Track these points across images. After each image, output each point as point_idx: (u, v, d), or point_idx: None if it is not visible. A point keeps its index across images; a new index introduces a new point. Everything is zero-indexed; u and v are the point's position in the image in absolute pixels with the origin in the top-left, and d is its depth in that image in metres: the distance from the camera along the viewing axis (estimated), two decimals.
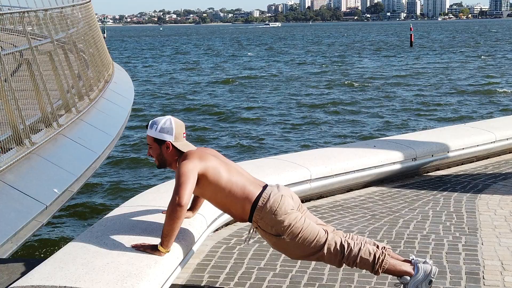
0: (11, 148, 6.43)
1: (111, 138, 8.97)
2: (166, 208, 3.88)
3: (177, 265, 3.47)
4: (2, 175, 5.83)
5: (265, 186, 3.62)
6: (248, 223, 5.11)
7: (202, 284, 3.94)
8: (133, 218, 3.85)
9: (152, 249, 3.34)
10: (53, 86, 8.54)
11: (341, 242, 3.54)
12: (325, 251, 3.53)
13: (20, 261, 3.93)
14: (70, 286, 2.91)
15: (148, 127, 3.62)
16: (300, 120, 21.83)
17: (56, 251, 3.44)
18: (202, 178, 3.50)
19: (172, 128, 3.58)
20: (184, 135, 3.65)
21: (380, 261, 3.51)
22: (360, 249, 3.52)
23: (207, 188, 3.54)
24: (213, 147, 17.67)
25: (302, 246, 3.53)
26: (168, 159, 3.62)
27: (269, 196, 3.54)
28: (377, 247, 3.56)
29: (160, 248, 3.33)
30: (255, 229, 3.63)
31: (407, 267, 3.54)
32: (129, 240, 3.45)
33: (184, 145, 3.62)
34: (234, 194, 3.55)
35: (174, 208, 3.35)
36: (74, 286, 2.91)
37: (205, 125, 21.30)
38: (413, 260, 3.59)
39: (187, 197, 3.37)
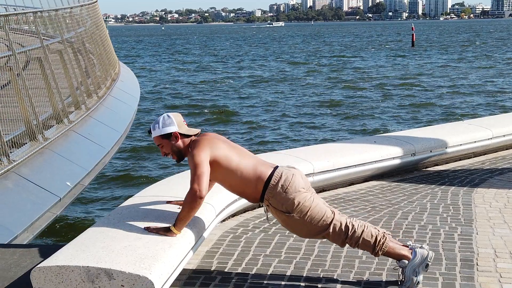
0: (25, 143, 6.67)
1: (119, 134, 9.20)
2: (171, 199, 4.17)
3: (189, 249, 3.70)
4: (18, 169, 6.07)
5: (276, 167, 3.83)
6: (252, 215, 5.39)
7: (212, 269, 4.17)
8: (146, 207, 4.08)
9: (165, 231, 3.58)
10: (63, 84, 8.77)
11: (346, 223, 3.78)
12: (331, 230, 3.76)
13: (40, 246, 4.19)
14: (92, 266, 3.14)
15: (151, 131, 3.83)
16: (303, 117, 22.11)
17: (73, 239, 3.67)
18: (213, 163, 3.70)
19: (172, 120, 3.80)
20: (185, 122, 3.86)
21: (380, 243, 3.75)
22: (363, 231, 3.76)
23: (219, 172, 3.75)
24: None
25: (310, 225, 3.75)
26: (181, 149, 3.82)
27: (281, 175, 3.75)
28: (378, 231, 3.79)
29: (173, 229, 3.58)
30: (266, 207, 3.84)
31: (405, 252, 3.77)
32: (143, 226, 3.69)
33: (189, 130, 3.83)
34: (246, 175, 3.75)
35: (194, 199, 3.58)
36: (96, 266, 3.14)
37: (208, 123, 21.54)
38: (410, 246, 3.82)
39: (206, 189, 3.61)
